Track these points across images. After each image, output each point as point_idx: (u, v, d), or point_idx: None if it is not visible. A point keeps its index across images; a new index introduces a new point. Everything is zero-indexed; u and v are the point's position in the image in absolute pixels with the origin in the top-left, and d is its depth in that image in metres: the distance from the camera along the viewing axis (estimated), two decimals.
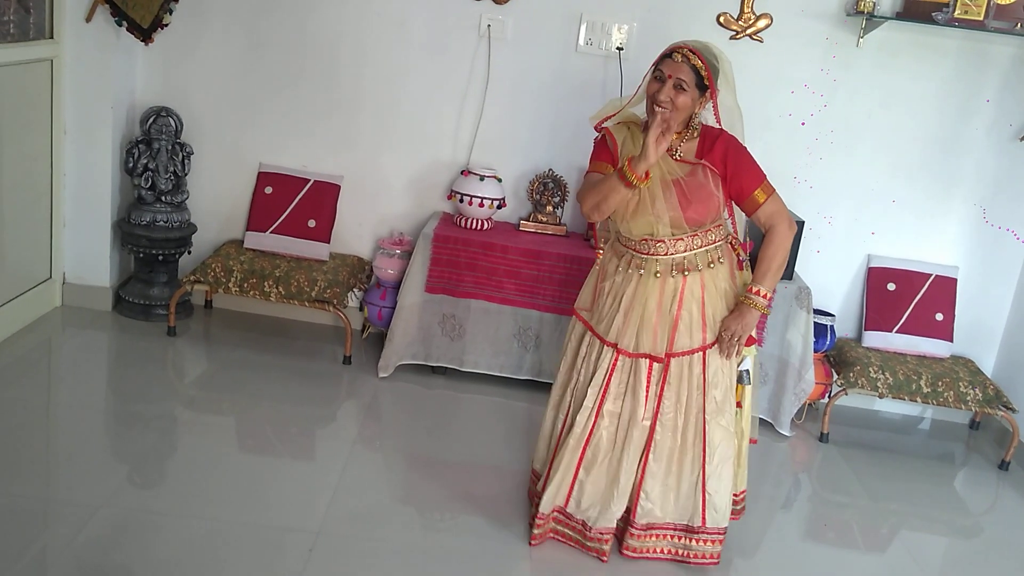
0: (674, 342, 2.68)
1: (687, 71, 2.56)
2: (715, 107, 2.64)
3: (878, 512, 3.45)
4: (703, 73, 2.57)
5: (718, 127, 2.68)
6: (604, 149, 2.74)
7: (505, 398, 3.87)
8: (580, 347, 2.82)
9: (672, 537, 2.85)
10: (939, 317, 4.09)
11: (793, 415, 3.91)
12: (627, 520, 2.81)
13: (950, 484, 3.84)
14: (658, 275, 2.67)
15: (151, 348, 3.87)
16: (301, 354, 4.05)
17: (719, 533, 2.83)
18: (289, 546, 2.67)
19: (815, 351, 3.87)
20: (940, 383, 3.82)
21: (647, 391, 2.69)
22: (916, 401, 3.85)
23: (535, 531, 2.83)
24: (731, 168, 2.64)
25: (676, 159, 2.65)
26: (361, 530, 2.82)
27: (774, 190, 2.67)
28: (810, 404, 4.09)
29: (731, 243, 2.77)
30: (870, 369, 3.83)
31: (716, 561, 2.85)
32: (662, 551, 2.86)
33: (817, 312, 3.92)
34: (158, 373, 3.73)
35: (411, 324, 3.85)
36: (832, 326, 3.97)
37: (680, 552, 2.86)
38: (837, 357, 4.03)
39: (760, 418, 3.93)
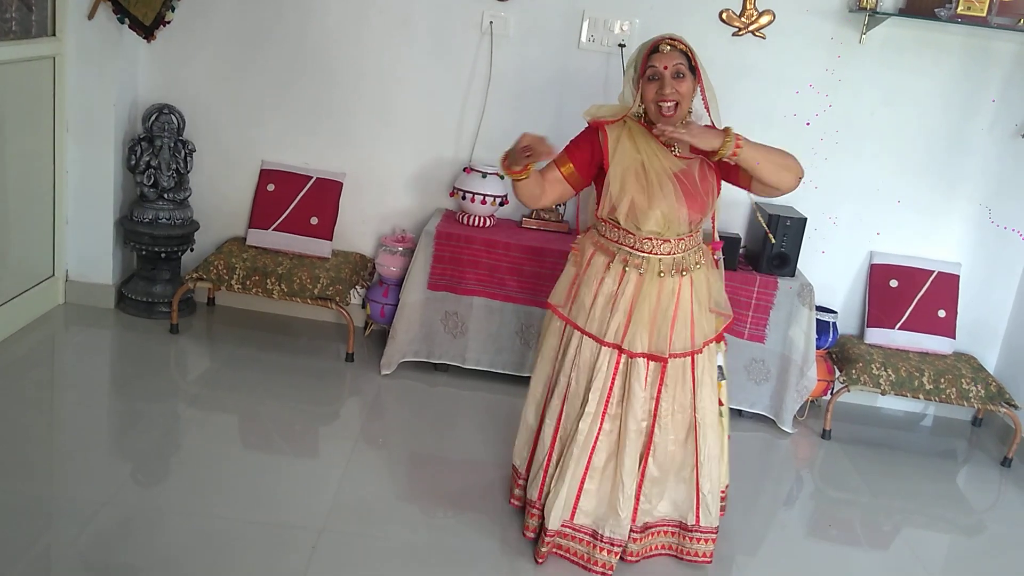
0: (672, 342, 2.64)
1: (679, 56, 2.55)
2: (703, 91, 2.61)
3: (880, 509, 3.45)
4: (690, 56, 2.56)
5: (701, 123, 2.64)
6: (582, 144, 2.68)
7: (507, 395, 3.86)
8: (563, 345, 2.76)
9: (668, 533, 2.85)
10: (941, 314, 4.08)
11: (795, 412, 3.91)
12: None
13: (952, 481, 3.84)
14: (662, 275, 2.62)
15: (154, 346, 3.88)
16: (304, 351, 4.05)
17: (712, 532, 2.82)
18: (292, 543, 2.68)
19: (817, 348, 3.88)
20: (942, 380, 3.82)
21: (644, 391, 2.66)
22: (918, 398, 3.85)
23: (542, 548, 2.75)
24: None
25: (676, 155, 2.62)
26: (364, 527, 2.82)
27: None
28: (812, 401, 4.09)
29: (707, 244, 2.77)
30: (872, 366, 3.83)
31: (709, 560, 2.84)
32: (659, 547, 2.86)
33: (819, 309, 3.92)
34: (161, 371, 3.74)
35: (413, 321, 3.85)
36: (834, 323, 3.97)
37: (675, 548, 2.86)
38: (839, 354, 4.03)
39: (762, 415, 3.94)
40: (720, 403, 2.81)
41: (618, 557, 2.75)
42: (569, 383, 2.73)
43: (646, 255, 2.63)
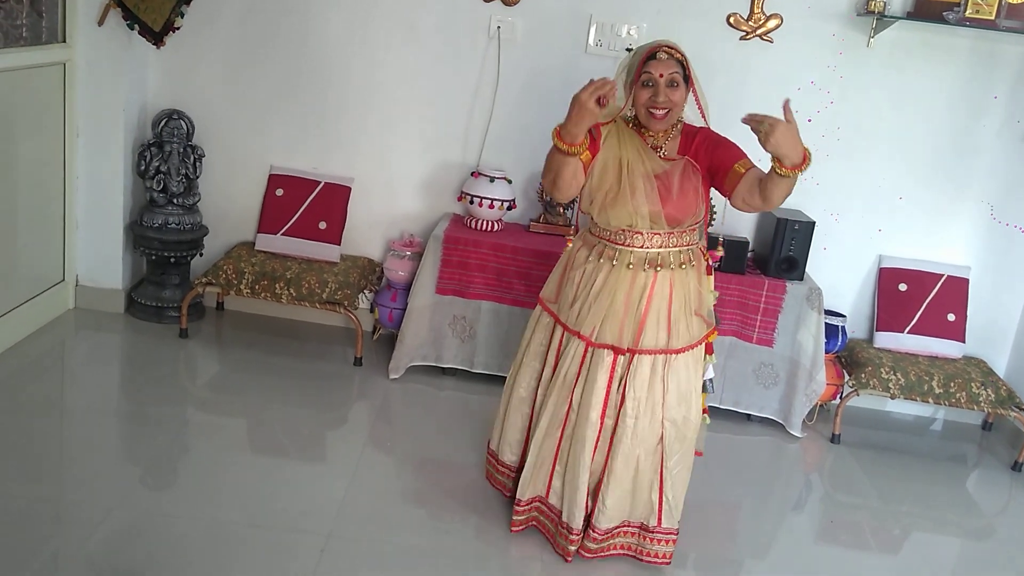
0: (641, 338, 2.64)
1: (675, 65, 2.56)
2: (696, 96, 2.64)
3: (890, 513, 3.44)
4: (686, 65, 2.58)
5: (696, 126, 2.67)
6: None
7: None
8: (545, 337, 2.80)
9: (627, 534, 2.83)
10: (951, 318, 4.07)
11: (804, 416, 3.90)
12: (587, 523, 2.77)
13: (962, 485, 3.82)
14: (630, 267, 2.63)
15: (163, 350, 3.89)
16: (312, 356, 4.06)
17: (672, 534, 2.80)
18: (300, 547, 2.68)
19: (826, 352, 3.86)
20: (952, 384, 3.80)
21: (608, 386, 2.66)
22: (928, 402, 3.83)
23: (515, 518, 2.85)
24: (710, 150, 2.61)
25: (661, 157, 2.64)
26: (372, 532, 2.83)
27: (755, 164, 2.59)
28: (821, 405, 4.08)
29: (701, 249, 2.75)
30: (882, 370, 3.82)
31: (668, 561, 2.82)
32: (619, 547, 2.84)
33: (828, 313, 3.91)
34: (170, 375, 3.75)
35: (422, 326, 3.85)
36: (843, 327, 3.96)
37: (634, 548, 2.84)
38: (848, 358, 4.02)
39: (771, 419, 3.93)
40: (705, 412, 2.81)
41: (575, 546, 2.76)
42: (547, 369, 2.79)
43: (619, 247, 2.65)
